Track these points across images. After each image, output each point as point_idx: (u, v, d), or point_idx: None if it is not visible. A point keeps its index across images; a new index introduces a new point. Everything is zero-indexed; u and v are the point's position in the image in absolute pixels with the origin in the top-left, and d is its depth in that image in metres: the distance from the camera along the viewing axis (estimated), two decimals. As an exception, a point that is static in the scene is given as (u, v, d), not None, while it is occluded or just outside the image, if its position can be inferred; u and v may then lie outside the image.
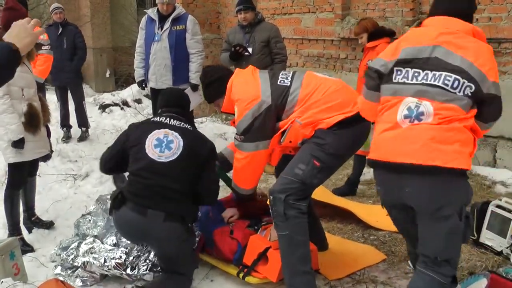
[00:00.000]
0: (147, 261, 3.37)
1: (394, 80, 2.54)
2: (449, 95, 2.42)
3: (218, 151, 3.60)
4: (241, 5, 5.68)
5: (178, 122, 3.41)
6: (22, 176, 4.15)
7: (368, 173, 5.72)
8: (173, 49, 5.81)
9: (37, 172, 4.42)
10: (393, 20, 6.30)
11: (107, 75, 12.42)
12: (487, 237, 3.73)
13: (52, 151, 4.67)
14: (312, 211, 3.61)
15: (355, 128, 3.14)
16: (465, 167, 2.43)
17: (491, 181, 5.17)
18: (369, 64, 2.61)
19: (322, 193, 4.62)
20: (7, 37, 1.93)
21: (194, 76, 5.92)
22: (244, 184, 3.46)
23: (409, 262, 3.65)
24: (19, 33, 1.94)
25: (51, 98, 7.25)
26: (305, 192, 3.09)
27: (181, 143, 3.27)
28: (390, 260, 3.72)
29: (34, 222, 4.44)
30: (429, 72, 2.46)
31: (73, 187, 5.43)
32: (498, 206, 3.75)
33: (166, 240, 3.19)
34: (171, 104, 3.55)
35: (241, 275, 3.37)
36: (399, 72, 2.53)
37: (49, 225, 4.44)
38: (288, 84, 3.25)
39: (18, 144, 3.93)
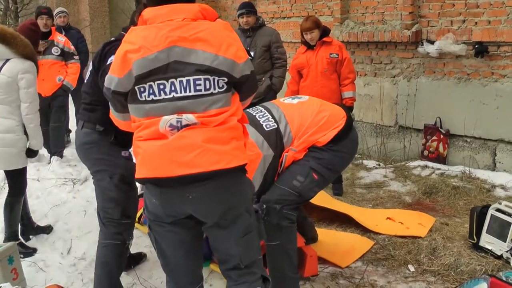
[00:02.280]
0: None
1: (141, 99, 2.19)
2: (206, 101, 2.18)
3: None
4: (244, 9, 5.67)
5: None
6: (25, 180, 4.14)
7: (367, 177, 5.73)
8: None
9: (37, 178, 4.42)
10: (392, 23, 6.30)
11: (107, 79, 12.41)
12: (487, 241, 3.73)
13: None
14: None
15: (349, 139, 3.14)
16: (244, 162, 2.26)
17: (491, 185, 5.17)
18: (106, 85, 2.31)
19: (321, 198, 4.62)
20: None
21: None
22: None
23: (408, 266, 3.65)
24: None
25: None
26: (299, 203, 3.09)
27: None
28: (390, 264, 3.71)
29: (35, 230, 4.34)
30: (174, 80, 2.16)
31: (72, 191, 5.40)
32: (498, 210, 3.74)
33: (82, 146, 3.23)
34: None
35: (240, 279, 3.35)
36: (142, 89, 2.18)
37: (47, 230, 4.42)
38: (276, 126, 3.08)
39: (32, 153, 4.01)
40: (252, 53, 5.59)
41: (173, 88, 2.16)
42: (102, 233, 3.21)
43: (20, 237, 4.09)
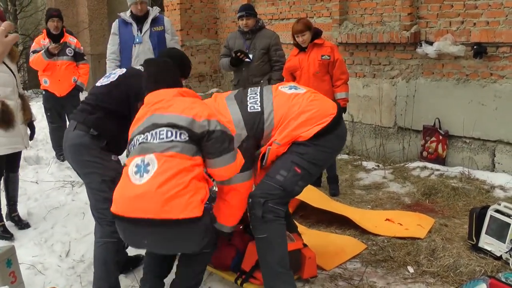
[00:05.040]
0: None
1: (134, 145, 2.94)
2: (166, 145, 2.78)
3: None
4: (244, 11, 5.66)
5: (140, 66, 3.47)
6: None
7: (366, 178, 5.73)
8: (157, 50, 5.59)
9: (36, 180, 4.40)
10: (391, 24, 6.31)
11: (105, 81, 12.41)
12: (486, 242, 3.72)
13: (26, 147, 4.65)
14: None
15: (334, 135, 3.17)
16: (195, 215, 2.68)
17: (490, 186, 5.16)
18: None
19: (320, 199, 4.62)
20: None
21: None
22: (231, 221, 3.24)
23: (408, 267, 3.65)
24: None
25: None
26: (285, 198, 3.12)
27: (116, 75, 3.38)
28: (389, 265, 3.70)
29: (13, 218, 4.56)
30: (148, 133, 2.87)
31: (71, 194, 5.41)
32: (497, 211, 3.74)
33: (72, 147, 3.21)
34: None
35: (239, 281, 3.35)
36: (136, 140, 2.94)
37: (24, 226, 4.56)
38: (260, 110, 3.16)
39: None
40: (251, 56, 5.59)
41: (144, 139, 2.88)
42: (98, 231, 3.23)
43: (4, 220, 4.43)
